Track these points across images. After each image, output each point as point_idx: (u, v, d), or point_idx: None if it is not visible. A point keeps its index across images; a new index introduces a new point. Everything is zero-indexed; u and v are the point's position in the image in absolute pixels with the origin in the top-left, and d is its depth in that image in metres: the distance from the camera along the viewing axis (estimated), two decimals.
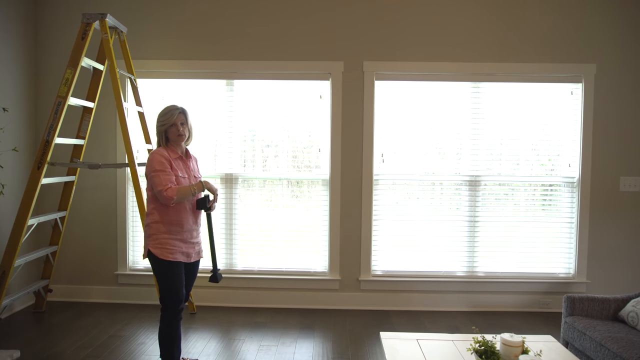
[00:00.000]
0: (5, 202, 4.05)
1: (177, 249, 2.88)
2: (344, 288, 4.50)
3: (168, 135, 2.91)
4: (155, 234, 2.85)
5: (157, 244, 2.84)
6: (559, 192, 4.50)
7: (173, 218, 2.87)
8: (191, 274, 3.08)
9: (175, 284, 2.88)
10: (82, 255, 4.55)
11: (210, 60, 4.41)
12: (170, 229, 2.86)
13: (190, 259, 2.99)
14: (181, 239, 2.91)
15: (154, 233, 2.86)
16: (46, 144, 3.66)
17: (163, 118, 2.89)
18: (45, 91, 4.46)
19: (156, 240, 2.85)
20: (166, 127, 2.89)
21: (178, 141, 2.93)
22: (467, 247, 4.51)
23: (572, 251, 4.50)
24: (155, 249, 2.84)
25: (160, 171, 2.79)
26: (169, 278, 2.87)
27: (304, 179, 4.55)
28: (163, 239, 2.85)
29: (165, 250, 2.84)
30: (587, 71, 4.37)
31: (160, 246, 2.84)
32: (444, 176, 4.51)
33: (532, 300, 4.47)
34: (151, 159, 2.83)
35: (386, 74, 4.42)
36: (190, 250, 2.97)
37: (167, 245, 2.85)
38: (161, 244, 2.84)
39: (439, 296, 4.48)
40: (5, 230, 4.03)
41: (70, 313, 4.24)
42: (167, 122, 2.88)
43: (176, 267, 2.89)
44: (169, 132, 2.90)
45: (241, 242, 4.57)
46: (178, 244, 2.89)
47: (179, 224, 2.88)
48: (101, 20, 3.73)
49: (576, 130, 4.44)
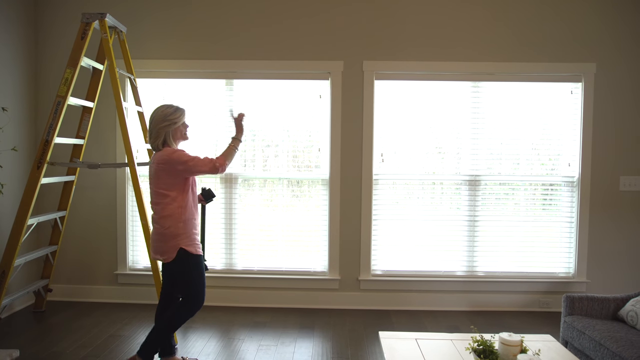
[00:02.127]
0: (4, 202, 4.05)
1: (199, 244, 3.00)
2: (344, 288, 4.50)
3: (174, 134, 2.90)
4: (184, 233, 2.88)
5: (190, 242, 2.90)
6: (558, 191, 4.49)
7: (193, 213, 2.95)
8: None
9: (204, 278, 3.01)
10: (81, 254, 4.55)
11: (210, 60, 4.41)
12: (193, 224, 2.94)
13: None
14: (197, 232, 3.01)
15: (182, 232, 2.87)
16: (46, 143, 3.66)
17: (173, 116, 2.88)
18: (45, 91, 4.46)
19: (188, 238, 2.89)
20: (177, 126, 2.89)
21: (182, 140, 2.97)
22: (467, 246, 4.51)
23: (571, 251, 4.49)
24: (190, 246, 2.89)
25: (193, 158, 2.83)
26: (202, 272, 2.97)
27: (304, 179, 4.55)
28: (192, 235, 2.92)
29: (196, 245, 2.94)
30: (587, 70, 4.37)
31: (192, 242, 2.91)
32: (443, 176, 4.51)
33: (531, 300, 4.47)
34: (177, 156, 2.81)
35: (386, 73, 4.42)
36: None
37: (195, 240, 2.94)
38: (192, 241, 2.91)
39: (438, 296, 4.48)
40: (4, 229, 4.04)
41: (70, 312, 4.24)
42: (178, 119, 2.90)
43: (202, 261, 3.01)
44: (177, 131, 2.91)
45: (241, 241, 4.57)
46: (198, 239, 3.01)
47: (194, 218, 2.97)
48: (100, 20, 3.73)
49: (576, 129, 4.44)
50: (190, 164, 2.82)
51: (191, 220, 2.92)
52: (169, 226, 2.85)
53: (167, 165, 2.82)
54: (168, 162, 2.81)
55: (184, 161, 2.81)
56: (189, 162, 2.82)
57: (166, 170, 2.83)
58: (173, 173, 2.83)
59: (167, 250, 2.87)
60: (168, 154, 2.82)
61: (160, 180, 2.85)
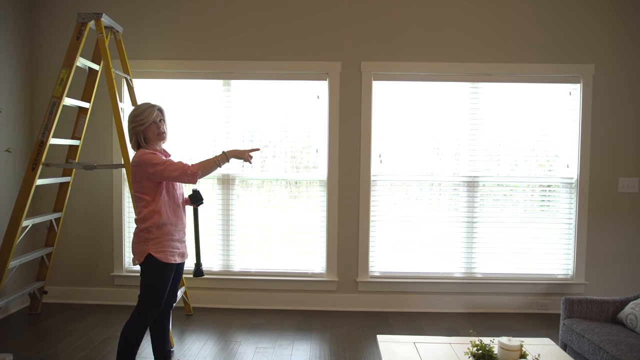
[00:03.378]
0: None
1: (176, 250, 2.83)
2: (342, 289, 4.48)
3: (146, 135, 2.77)
4: (156, 237, 2.74)
5: (160, 248, 2.74)
6: (557, 192, 4.48)
7: (172, 217, 2.80)
8: (180, 273, 3.03)
9: (166, 289, 2.82)
10: (77, 256, 4.52)
11: (207, 60, 4.38)
12: (171, 230, 2.79)
13: (183, 258, 2.94)
14: (178, 239, 2.85)
15: (155, 237, 2.74)
16: (41, 144, 3.63)
17: (140, 117, 2.74)
18: (41, 91, 4.42)
19: (159, 244, 2.74)
20: (145, 126, 2.74)
21: (158, 140, 2.81)
22: (465, 248, 4.49)
23: (570, 252, 4.48)
24: (158, 253, 2.73)
25: (165, 162, 2.69)
26: (164, 281, 2.79)
27: (302, 180, 4.52)
28: (166, 242, 2.76)
29: (168, 253, 2.77)
30: (586, 72, 4.35)
31: (163, 249, 2.75)
32: (442, 177, 4.49)
33: (530, 302, 4.46)
34: (145, 159, 2.68)
35: (384, 74, 4.40)
36: (184, 250, 2.94)
37: (169, 247, 2.77)
38: (163, 247, 2.75)
39: (437, 297, 4.46)
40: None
41: (66, 315, 4.21)
42: (146, 120, 2.74)
43: (172, 270, 2.83)
44: (148, 130, 2.76)
45: (238, 243, 4.54)
46: (177, 245, 2.84)
47: (176, 224, 2.83)
48: (96, 20, 3.69)
49: (574, 130, 4.42)
50: (160, 168, 2.67)
51: (167, 226, 2.77)
52: (141, 230, 2.74)
53: (137, 167, 2.70)
54: (138, 164, 2.69)
55: (153, 164, 2.67)
56: (158, 166, 2.67)
57: (138, 173, 2.71)
58: (144, 176, 2.71)
59: (137, 252, 2.76)
60: (138, 156, 2.70)
61: (135, 183, 2.75)
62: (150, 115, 2.76)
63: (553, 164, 4.49)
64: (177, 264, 2.91)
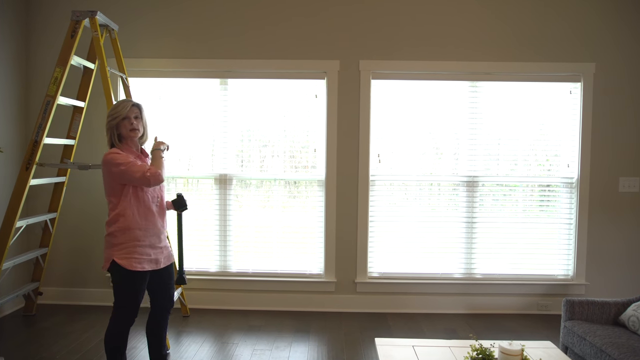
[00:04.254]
0: None
1: (145, 257, 2.66)
2: (340, 290, 4.44)
3: (120, 131, 2.67)
4: (122, 243, 2.61)
5: (124, 254, 2.61)
6: (557, 192, 4.44)
7: (140, 222, 2.65)
8: (166, 279, 2.86)
9: (137, 297, 2.67)
10: (73, 257, 4.47)
11: (204, 59, 4.34)
12: (138, 235, 2.64)
13: (159, 265, 2.76)
14: (149, 245, 2.69)
15: (121, 242, 2.61)
16: (35, 144, 3.58)
17: (114, 111, 2.64)
18: (36, 91, 4.37)
19: (123, 250, 2.61)
20: (118, 121, 2.64)
21: (131, 137, 2.70)
22: (465, 248, 4.45)
23: (570, 253, 4.44)
24: (122, 259, 2.59)
25: (128, 163, 2.57)
26: (131, 290, 2.65)
27: (299, 180, 4.48)
28: (131, 247, 2.62)
29: (133, 259, 2.61)
30: (586, 70, 4.31)
31: (128, 255, 2.61)
32: (441, 177, 4.44)
33: (530, 303, 4.41)
34: (110, 158, 2.57)
35: (383, 72, 4.35)
36: (159, 256, 2.76)
37: (135, 254, 2.62)
38: (129, 253, 2.61)
39: (436, 298, 4.42)
40: None
41: (61, 316, 4.16)
42: (118, 115, 2.63)
43: (141, 277, 2.67)
44: (121, 126, 2.65)
45: (235, 243, 4.49)
46: (147, 251, 2.68)
47: (146, 228, 2.68)
48: (91, 17, 3.64)
49: (575, 130, 4.38)
50: (122, 169, 2.55)
51: (133, 230, 2.62)
52: (111, 232, 2.63)
53: (103, 167, 2.60)
54: (104, 163, 2.59)
55: (116, 164, 2.55)
56: (121, 166, 2.55)
57: (104, 173, 2.62)
58: (109, 176, 2.60)
59: (105, 257, 2.66)
60: (104, 155, 2.60)
61: (104, 183, 2.66)
62: (124, 110, 2.65)
63: (553, 164, 4.45)
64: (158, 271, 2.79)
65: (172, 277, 2.91)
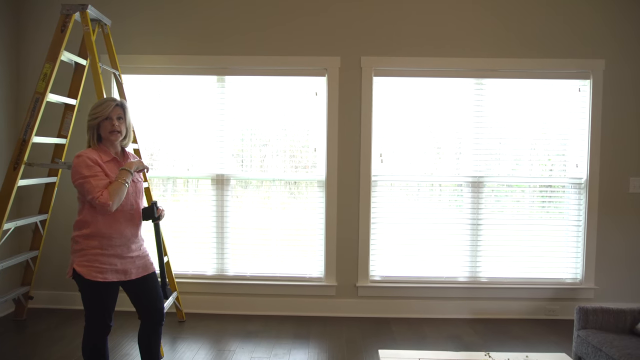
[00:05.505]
0: None
1: (108, 267, 2.45)
2: (341, 294, 4.29)
3: (100, 132, 2.48)
4: (83, 250, 2.43)
5: (84, 261, 2.42)
6: (565, 193, 4.30)
7: (104, 230, 2.45)
8: (147, 291, 2.66)
9: (103, 309, 2.47)
10: (65, 260, 4.32)
11: (200, 55, 4.20)
12: (101, 243, 2.44)
13: (129, 276, 2.55)
14: (115, 254, 2.48)
15: (81, 248, 2.43)
16: (23, 143, 3.44)
17: (95, 110, 2.45)
18: (27, 88, 4.23)
19: (83, 257, 2.42)
20: (99, 121, 2.45)
21: (111, 139, 2.49)
22: (470, 251, 4.31)
23: (579, 255, 4.30)
24: (81, 267, 2.41)
25: (90, 177, 2.37)
26: (94, 301, 2.46)
27: (299, 180, 4.34)
28: (92, 256, 2.43)
29: (92, 268, 2.41)
30: (595, 67, 4.16)
31: (88, 264, 2.41)
32: (445, 177, 4.30)
33: (537, 307, 4.27)
34: (77, 163, 2.39)
35: (385, 69, 4.21)
36: (128, 267, 2.54)
37: (95, 262, 2.42)
38: (89, 262, 2.42)
39: (440, 303, 4.27)
40: None
41: (53, 321, 4.02)
42: (100, 114, 2.44)
43: (105, 289, 2.46)
44: (102, 126, 2.46)
45: (233, 245, 4.35)
46: (111, 261, 2.47)
47: (110, 237, 2.47)
48: (82, 11, 3.50)
49: (584, 129, 4.23)
50: (80, 181, 2.37)
51: (95, 238, 2.43)
52: (73, 237, 2.47)
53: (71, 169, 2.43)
54: (73, 164, 2.41)
55: (78, 175, 2.38)
56: (79, 180, 2.37)
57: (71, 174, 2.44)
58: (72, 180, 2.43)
59: (69, 262, 2.49)
60: (76, 159, 2.41)
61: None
62: (106, 109, 2.46)
63: (561, 164, 4.31)
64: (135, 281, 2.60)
65: (155, 288, 2.69)
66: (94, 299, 2.46)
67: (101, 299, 2.47)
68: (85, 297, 2.47)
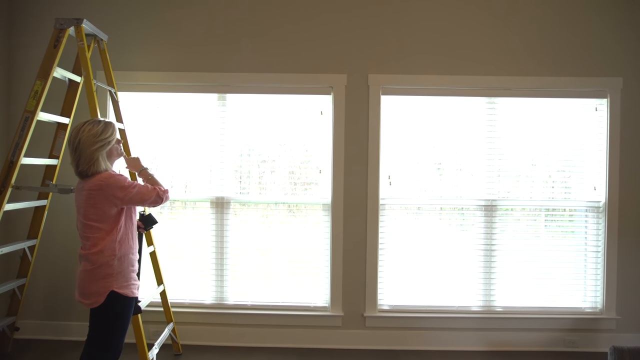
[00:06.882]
0: None
1: (135, 282, 2.58)
2: (348, 325, 4.04)
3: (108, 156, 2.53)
4: (119, 272, 2.47)
5: (124, 282, 2.48)
6: (583, 217, 4.09)
7: (131, 247, 2.56)
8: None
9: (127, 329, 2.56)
10: (54, 288, 4.07)
11: (200, 72, 4.01)
12: (130, 260, 2.54)
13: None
14: (135, 269, 2.60)
15: (117, 272, 2.46)
16: (10, 164, 3.22)
17: (104, 135, 2.46)
18: (19, 106, 4.03)
19: (122, 278, 2.48)
20: (111, 146, 2.52)
21: (114, 161, 2.62)
22: (484, 278, 4.08)
23: (599, 283, 4.07)
24: (124, 288, 2.48)
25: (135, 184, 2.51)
26: (127, 320, 2.53)
27: (303, 203, 4.12)
28: (129, 274, 2.51)
29: (132, 286, 2.53)
30: (613, 85, 4.00)
31: (127, 283, 2.49)
32: (457, 201, 4.09)
33: (556, 338, 4.02)
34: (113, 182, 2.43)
35: (393, 88, 4.02)
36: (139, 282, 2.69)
37: (131, 280, 2.53)
38: (127, 281, 2.50)
39: (453, 334, 4.02)
40: None
41: (40, 352, 3.77)
42: (112, 137, 2.51)
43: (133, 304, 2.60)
44: (113, 150, 2.55)
45: (233, 272, 4.11)
46: (135, 276, 2.59)
47: (132, 253, 2.57)
48: (76, 26, 3.31)
49: (602, 150, 4.05)
50: (133, 191, 2.46)
51: (128, 256, 2.52)
52: (101, 264, 2.42)
53: (102, 192, 2.42)
54: (105, 187, 2.42)
55: (124, 187, 2.45)
56: (130, 189, 2.46)
57: (101, 197, 2.42)
58: (109, 201, 2.43)
59: (94, 292, 2.41)
60: (104, 179, 2.43)
61: (93, 209, 2.43)
62: (115, 133, 2.55)
63: (578, 186, 4.11)
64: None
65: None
66: (127, 317, 2.52)
67: (130, 316, 2.55)
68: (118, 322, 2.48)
